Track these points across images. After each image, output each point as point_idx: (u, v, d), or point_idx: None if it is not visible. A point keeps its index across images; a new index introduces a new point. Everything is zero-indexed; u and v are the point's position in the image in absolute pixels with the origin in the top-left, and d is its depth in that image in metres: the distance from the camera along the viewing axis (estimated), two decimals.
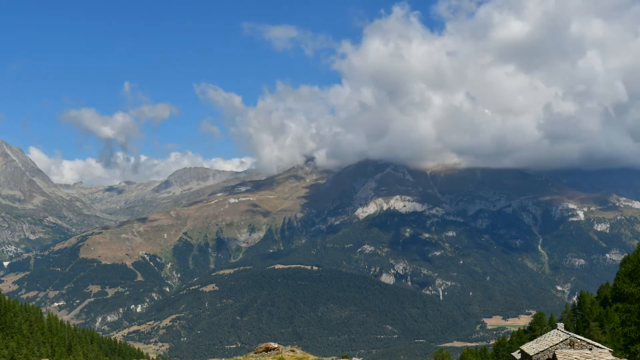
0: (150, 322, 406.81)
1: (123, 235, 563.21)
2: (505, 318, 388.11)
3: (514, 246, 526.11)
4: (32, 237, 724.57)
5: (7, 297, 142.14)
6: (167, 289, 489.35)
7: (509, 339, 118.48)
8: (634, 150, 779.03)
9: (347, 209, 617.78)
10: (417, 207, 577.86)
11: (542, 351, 56.46)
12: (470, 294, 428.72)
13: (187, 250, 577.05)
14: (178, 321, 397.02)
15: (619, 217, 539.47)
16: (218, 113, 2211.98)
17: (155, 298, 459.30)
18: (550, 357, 54.59)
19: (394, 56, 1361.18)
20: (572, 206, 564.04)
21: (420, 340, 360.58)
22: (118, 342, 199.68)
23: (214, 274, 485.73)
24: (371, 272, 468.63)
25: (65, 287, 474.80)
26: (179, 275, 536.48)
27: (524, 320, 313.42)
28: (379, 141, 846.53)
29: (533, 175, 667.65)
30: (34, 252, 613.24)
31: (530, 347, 60.18)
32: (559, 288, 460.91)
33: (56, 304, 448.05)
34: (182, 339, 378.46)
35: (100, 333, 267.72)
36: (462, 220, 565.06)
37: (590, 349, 51.48)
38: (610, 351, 50.32)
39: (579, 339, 56.04)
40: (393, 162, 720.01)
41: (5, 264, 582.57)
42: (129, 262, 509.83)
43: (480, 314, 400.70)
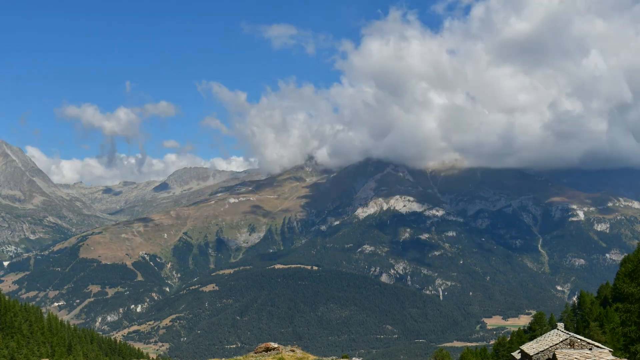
0: (150, 322, 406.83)
1: (123, 235, 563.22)
2: (505, 318, 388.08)
3: (514, 246, 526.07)
4: (32, 237, 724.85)
5: (7, 297, 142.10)
6: (167, 289, 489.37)
7: (509, 339, 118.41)
8: (637, 149, 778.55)
9: (347, 209, 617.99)
10: (417, 207, 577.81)
11: (542, 351, 56.45)
12: (470, 294, 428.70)
13: (187, 250, 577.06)
14: (178, 321, 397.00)
15: (619, 217, 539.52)
16: (219, 112, 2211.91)
17: (155, 298, 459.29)
18: (550, 357, 54.58)
19: (395, 55, 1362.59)
20: (572, 206, 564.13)
21: (420, 340, 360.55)
22: (118, 342, 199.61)
23: (214, 274, 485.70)
24: (371, 272, 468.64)
25: (65, 287, 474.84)
26: (179, 275, 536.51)
27: (524, 320, 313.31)
28: (380, 140, 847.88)
29: (533, 175, 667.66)
30: (34, 252, 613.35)
31: (530, 347, 60.17)
32: (559, 288, 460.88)
33: (56, 304, 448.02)
34: (182, 339, 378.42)
35: (100, 333, 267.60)
36: (462, 220, 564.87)
37: (590, 349, 51.47)
38: (610, 351, 50.30)
39: (579, 339, 56.03)
40: (393, 162, 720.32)
41: (5, 264, 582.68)
42: (129, 262, 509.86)
43: (480, 314, 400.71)
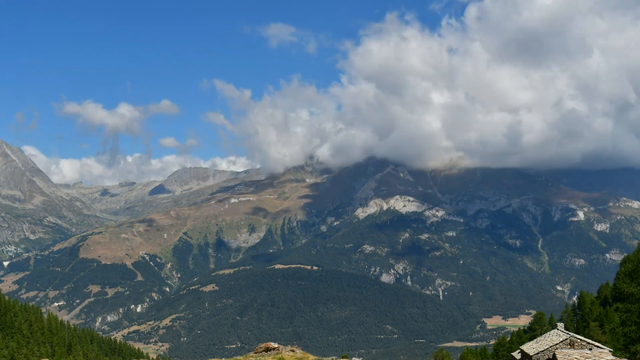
0: (150, 322, 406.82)
1: (123, 235, 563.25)
2: (505, 318, 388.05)
3: (514, 246, 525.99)
4: (32, 237, 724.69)
5: (7, 297, 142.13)
6: (167, 289, 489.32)
7: (509, 339, 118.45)
8: (639, 149, 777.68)
9: (347, 209, 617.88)
10: (417, 207, 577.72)
11: (542, 351, 56.45)
12: (470, 294, 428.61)
13: (187, 250, 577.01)
14: (178, 321, 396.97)
15: (619, 217, 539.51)
16: (220, 112, 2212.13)
17: (155, 298, 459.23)
18: (550, 357, 54.57)
19: (395, 54, 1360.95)
20: (572, 206, 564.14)
21: (420, 340, 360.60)
22: (118, 342, 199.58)
23: (214, 274, 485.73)
24: (371, 272, 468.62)
25: (65, 287, 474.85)
26: (179, 275, 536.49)
27: (524, 320, 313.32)
28: (381, 139, 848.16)
29: (533, 175, 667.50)
30: (34, 252, 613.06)
31: (530, 347, 60.17)
32: (559, 288, 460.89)
33: (56, 304, 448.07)
34: (182, 339, 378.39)
35: (100, 333, 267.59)
36: (462, 220, 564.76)
37: (590, 349, 51.47)
38: (610, 351, 50.31)
39: (579, 339, 56.04)
40: (394, 162, 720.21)
41: (5, 264, 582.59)
42: (129, 262, 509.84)
43: (480, 314, 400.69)
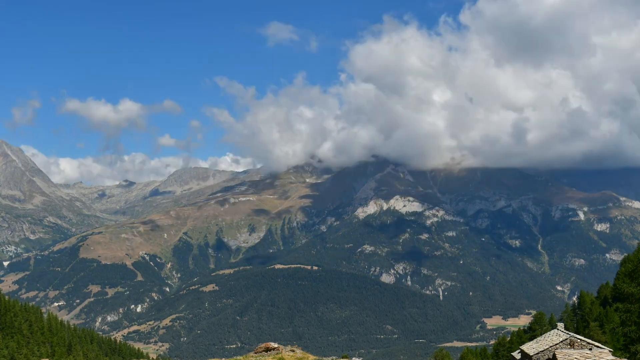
0: (150, 322, 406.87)
1: (123, 235, 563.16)
2: (505, 318, 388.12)
3: (514, 246, 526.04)
4: (32, 237, 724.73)
5: (7, 297, 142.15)
6: (167, 289, 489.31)
7: (509, 339, 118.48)
8: (639, 149, 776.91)
9: (347, 209, 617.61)
10: (417, 207, 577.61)
11: (542, 351, 56.45)
12: (470, 294, 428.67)
13: (187, 250, 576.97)
14: (178, 321, 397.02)
15: (619, 217, 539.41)
16: (222, 112, 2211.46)
17: (155, 298, 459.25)
18: (550, 357, 54.57)
19: (395, 54, 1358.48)
20: (572, 206, 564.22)
21: (420, 340, 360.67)
22: (118, 342, 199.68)
23: (214, 274, 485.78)
24: (371, 272, 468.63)
25: (65, 287, 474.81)
26: (179, 275, 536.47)
27: (524, 320, 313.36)
28: (381, 139, 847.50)
29: (533, 175, 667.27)
30: (34, 252, 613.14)
31: (530, 347, 60.17)
32: (559, 288, 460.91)
33: (56, 304, 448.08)
34: (182, 339, 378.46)
35: (100, 333, 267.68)
36: (462, 220, 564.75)
37: (590, 349, 51.47)
38: (610, 351, 50.31)
39: (579, 339, 56.04)
40: (394, 162, 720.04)
41: (5, 264, 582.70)
42: (129, 262, 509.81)
43: (480, 314, 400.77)
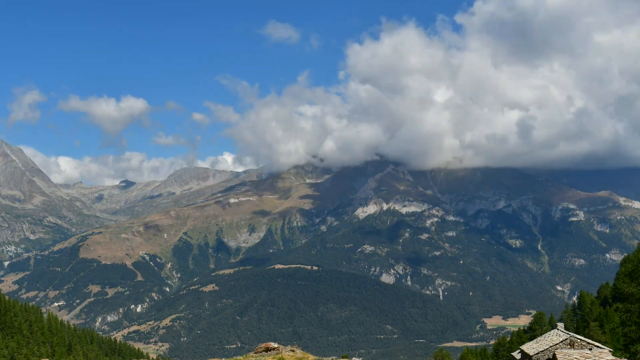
0: (150, 322, 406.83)
1: (123, 235, 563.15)
2: (505, 318, 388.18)
3: (514, 246, 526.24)
4: (32, 237, 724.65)
5: (7, 297, 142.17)
6: (167, 289, 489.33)
7: (509, 339, 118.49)
8: (639, 149, 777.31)
9: (347, 209, 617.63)
10: (417, 207, 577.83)
11: (542, 351, 56.45)
12: (470, 294, 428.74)
13: (187, 250, 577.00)
14: (178, 321, 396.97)
15: (619, 217, 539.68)
16: (222, 111, 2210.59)
17: (155, 298, 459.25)
18: (550, 357, 54.57)
19: (395, 54, 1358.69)
20: (572, 206, 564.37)
21: (420, 340, 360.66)
22: (118, 342, 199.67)
23: (214, 274, 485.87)
24: (371, 272, 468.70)
25: (65, 287, 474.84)
26: (179, 275, 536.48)
27: (524, 320, 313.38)
28: (383, 138, 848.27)
29: (533, 175, 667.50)
30: (34, 252, 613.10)
31: (530, 347, 60.17)
32: (559, 288, 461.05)
33: (56, 304, 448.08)
34: (182, 339, 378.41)
35: (100, 333, 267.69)
36: (462, 220, 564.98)
37: (590, 349, 51.46)
38: (610, 351, 50.31)
39: (579, 339, 56.04)
40: (394, 162, 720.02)
41: (5, 264, 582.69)
42: (129, 262, 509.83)
43: (480, 314, 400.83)
